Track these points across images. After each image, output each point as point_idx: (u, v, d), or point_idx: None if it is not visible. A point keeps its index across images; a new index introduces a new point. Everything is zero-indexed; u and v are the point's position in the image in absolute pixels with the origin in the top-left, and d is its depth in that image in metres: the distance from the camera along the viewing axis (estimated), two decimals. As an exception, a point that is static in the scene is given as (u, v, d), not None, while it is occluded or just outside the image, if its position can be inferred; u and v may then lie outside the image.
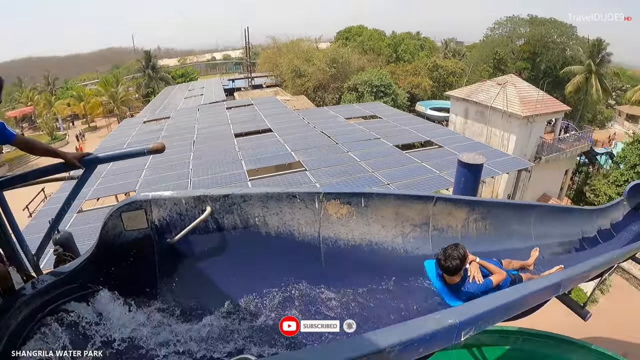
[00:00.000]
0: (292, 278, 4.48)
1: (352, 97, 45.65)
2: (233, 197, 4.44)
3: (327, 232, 4.97)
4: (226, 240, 4.47)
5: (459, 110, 32.93)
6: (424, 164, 19.87)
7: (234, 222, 4.51)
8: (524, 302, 3.99)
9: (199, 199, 4.28)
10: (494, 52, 59.53)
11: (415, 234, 5.78)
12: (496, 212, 7.27)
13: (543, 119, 31.04)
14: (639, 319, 22.33)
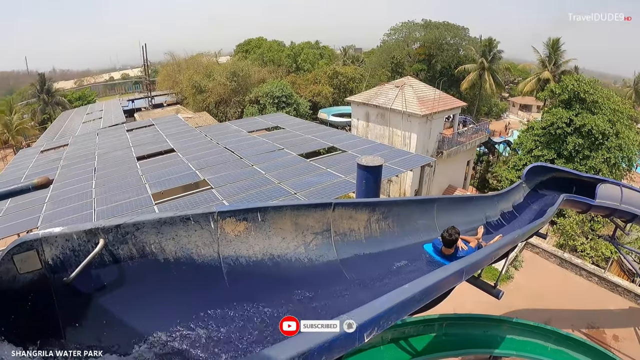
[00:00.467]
0: (198, 302, 4.38)
1: (254, 110, 45.44)
2: (125, 226, 4.23)
3: (226, 251, 4.88)
4: (125, 273, 4.24)
5: (360, 114, 33.64)
6: (329, 170, 20.16)
7: (129, 252, 4.29)
8: (426, 294, 4.25)
9: (90, 232, 4.02)
10: (391, 57, 61.62)
11: (318, 242, 5.84)
12: (397, 210, 7.50)
13: (441, 116, 32.37)
14: (552, 288, 24.35)
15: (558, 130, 31.92)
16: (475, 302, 17.97)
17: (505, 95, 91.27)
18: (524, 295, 23.18)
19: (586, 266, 25.83)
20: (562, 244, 28.39)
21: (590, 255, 27.47)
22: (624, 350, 21.09)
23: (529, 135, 34.78)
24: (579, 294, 24.69)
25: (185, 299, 4.38)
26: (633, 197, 16.45)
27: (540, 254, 27.04)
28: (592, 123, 31.12)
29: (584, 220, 28.41)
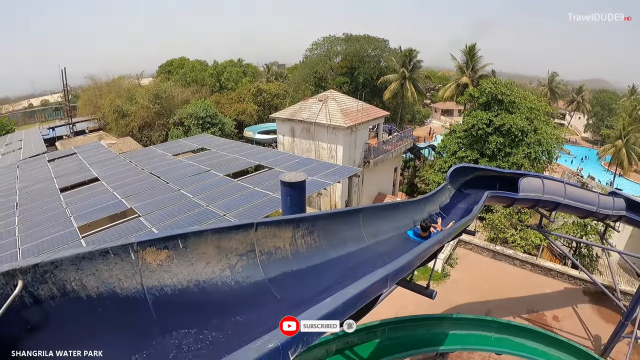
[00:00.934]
0: (125, 338, 4.13)
1: (179, 132, 44.63)
2: (43, 265, 3.90)
3: (150, 282, 4.62)
4: (48, 314, 3.91)
5: (285, 130, 33.44)
6: (257, 188, 20.03)
7: (50, 292, 3.95)
8: (350, 306, 4.18)
9: (8, 274, 3.69)
10: (314, 71, 61.98)
11: (243, 263, 5.64)
12: (322, 224, 7.31)
13: (365, 126, 32.64)
14: (489, 280, 25.10)
15: (479, 131, 33.21)
16: (416, 304, 18.09)
17: (427, 102, 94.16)
18: (462, 290, 23.66)
19: (518, 255, 26.99)
20: (493, 238, 29.46)
21: (521, 245, 28.60)
22: (564, 329, 22.20)
23: (452, 138, 36.08)
24: (515, 282, 25.55)
25: (112, 338, 4.11)
26: (554, 187, 17.06)
27: (474, 250, 27.89)
28: (511, 122, 32.43)
29: (511, 213, 29.58)
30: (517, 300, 24.06)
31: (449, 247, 25.99)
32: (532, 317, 22.96)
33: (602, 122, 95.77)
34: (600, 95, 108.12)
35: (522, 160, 32.72)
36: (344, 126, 29.31)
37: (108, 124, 53.73)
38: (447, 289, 23.64)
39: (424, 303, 19.43)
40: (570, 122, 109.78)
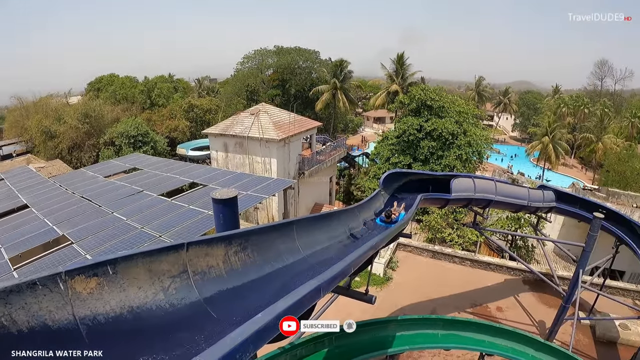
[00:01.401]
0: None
1: (110, 153, 43.25)
2: None
3: (82, 312, 4.42)
4: None
5: (218, 145, 32.99)
6: (191, 206, 19.67)
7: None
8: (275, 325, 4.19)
9: None
10: (246, 85, 61.75)
11: (177, 285, 5.48)
12: (256, 239, 7.19)
13: (298, 138, 32.68)
14: (431, 280, 25.40)
15: (411, 136, 33.91)
16: (363, 310, 18.16)
17: (360, 111, 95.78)
18: (406, 292, 23.83)
19: (457, 253, 27.52)
20: (432, 238, 30.15)
21: (459, 242, 29.45)
22: (509, 318, 22.78)
23: (384, 145, 36.68)
24: (457, 279, 26.01)
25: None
26: (485, 185, 17.71)
27: (413, 251, 28.29)
28: (442, 126, 33.28)
29: (447, 213, 30.27)
30: (461, 296, 24.51)
31: (388, 250, 26.21)
32: (476, 311, 23.44)
33: (529, 121, 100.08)
34: (526, 96, 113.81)
35: (454, 162, 33.59)
36: (277, 139, 29.24)
37: (36, 147, 51.51)
38: (391, 292, 23.84)
39: (369, 308, 19.53)
40: (498, 123, 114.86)
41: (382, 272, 24.98)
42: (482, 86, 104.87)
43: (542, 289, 25.94)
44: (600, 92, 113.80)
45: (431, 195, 15.32)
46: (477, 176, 18.70)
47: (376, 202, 13.30)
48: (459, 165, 33.76)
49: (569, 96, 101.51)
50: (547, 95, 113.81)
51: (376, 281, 24.27)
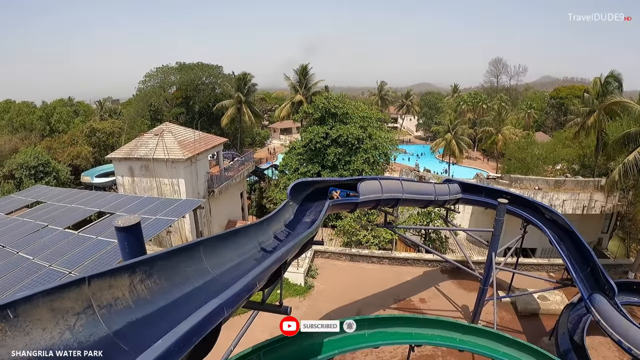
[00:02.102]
0: None
1: (10, 187, 40.32)
2: None
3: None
4: None
5: (123, 170, 31.59)
6: (100, 237, 18.92)
7: None
8: (186, 343, 4.33)
9: None
10: (149, 104, 59.77)
11: (83, 322, 5.22)
12: (161, 264, 6.95)
13: (205, 156, 32.11)
14: (352, 282, 26.08)
15: (317, 145, 34.33)
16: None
17: (266, 123, 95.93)
18: (329, 298, 24.22)
19: (374, 253, 28.49)
20: (348, 242, 30.57)
21: (375, 243, 30.03)
22: (433, 307, 23.97)
23: (292, 155, 36.90)
24: (378, 278, 26.74)
25: None
26: (392, 185, 18.38)
27: (331, 257, 28.80)
28: (347, 132, 33.87)
29: (359, 216, 30.77)
30: (383, 294, 25.14)
31: (306, 259, 26.38)
32: (400, 305, 24.17)
33: (432, 120, 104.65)
34: (427, 97, 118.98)
35: (362, 166, 34.31)
36: (183, 158, 28.64)
37: None
38: (314, 300, 24.12)
39: (299, 318, 19.57)
40: (402, 124, 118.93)
41: (302, 282, 25.11)
42: (385, 90, 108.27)
43: (460, 275, 27.28)
44: (497, 88, 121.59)
45: (339, 201, 15.60)
46: (384, 177, 19.31)
47: (285, 213, 13.24)
48: (367, 169, 34.50)
49: (467, 94, 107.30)
50: (447, 95, 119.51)
51: (298, 291, 24.52)
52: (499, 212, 20.10)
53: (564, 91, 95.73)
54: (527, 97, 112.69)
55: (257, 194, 45.84)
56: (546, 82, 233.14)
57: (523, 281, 27.12)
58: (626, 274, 29.51)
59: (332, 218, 33.94)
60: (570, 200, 33.96)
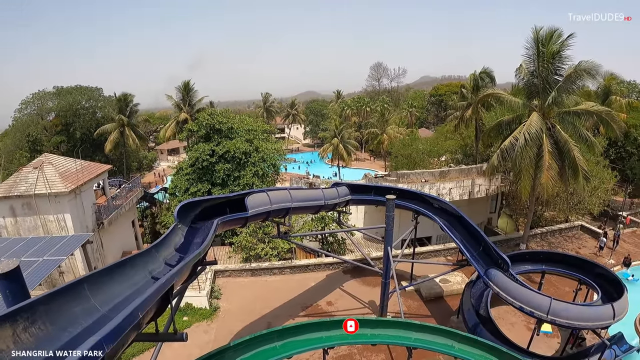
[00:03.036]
0: None
1: None
2: None
3: None
4: None
5: (4, 211, 28.90)
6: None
7: None
8: None
9: None
10: (26, 135, 56.22)
11: None
12: (44, 309, 6.75)
13: (90, 186, 30.73)
14: (257, 297, 26.36)
15: (204, 163, 34.08)
16: (200, 346, 20.08)
17: (152, 145, 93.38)
18: (237, 316, 24.23)
19: (274, 264, 28.89)
20: (247, 257, 30.63)
21: (274, 254, 30.46)
22: (340, 308, 24.87)
23: (180, 176, 36.23)
24: (282, 288, 27.24)
25: None
26: (280, 196, 18.91)
27: (232, 275, 28.78)
28: (233, 147, 33.93)
29: (255, 230, 31.11)
30: (290, 303, 25.55)
31: (207, 281, 26.18)
32: (309, 312, 24.75)
33: (318, 127, 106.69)
34: (312, 105, 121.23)
35: (252, 180, 34.46)
36: (66, 191, 27.26)
37: None
38: (222, 321, 23.99)
39: (208, 343, 19.79)
40: (290, 134, 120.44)
41: (207, 305, 24.83)
42: (270, 102, 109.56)
43: (362, 273, 28.56)
44: (379, 91, 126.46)
45: (228, 218, 15.73)
46: (271, 189, 19.70)
47: (175, 237, 13.03)
48: (258, 182, 34.71)
49: (351, 99, 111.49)
50: (331, 101, 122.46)
51: (204, 315, 24.25)
52: (389, 208, 21.24)
53: (442, 89, 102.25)
54: (408, 97, 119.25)
55: (149, 221, 44.67)
56: (425, 82, 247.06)
57: (424, 268, 28.76)
58: (518, 246, 32.49)
59: (228, 235, 33.86)
60: (456, 188, 36.40)
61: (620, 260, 32.28)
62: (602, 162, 38.93)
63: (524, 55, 27.20)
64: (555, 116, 27.68)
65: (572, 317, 17.04)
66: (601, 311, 17.25)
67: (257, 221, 20.47)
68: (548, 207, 40.84)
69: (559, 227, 38.91)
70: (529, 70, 27.50)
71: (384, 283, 22.66)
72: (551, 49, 25.59)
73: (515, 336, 21.43)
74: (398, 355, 20.83)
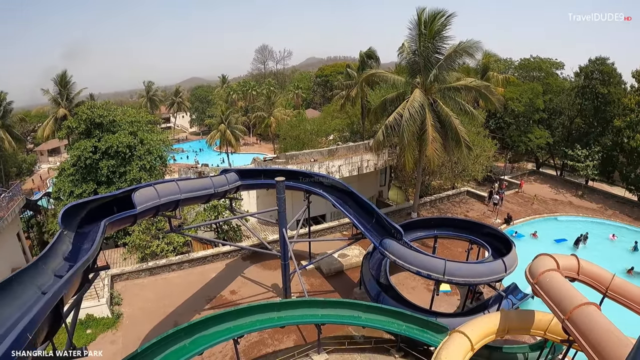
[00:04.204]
0: None
1: None
2: None
3: None
4: None
5: None
6: None
7: None
8: None
9: None
10: None
11: None
12: None
13: (-38, 199, 28.02)
14: (159, 297, 25.64)
15: (87, 161, 31.80)
16: (109, 357, 19.65)
17: (31, 147, 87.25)
18: (143, 320, 23.40)
19: (172, 260, 28.27)
20: (144, 257, 29.40)
21: (170, 250, 29.69)
22: (244, 295, 25.35)
23: (63, 178, 33.66)
24: (184, 283, 26.87)
25: None
26: (169, 188, 18.52)
27: (130, 277, 27.68)
28: (116, 142, 32.13)
29: (148, 226, 29.87)
30: (194, 297, 25.23)
31: (105, 288, 24.96)
32: (214, 304, 24.60)
33: (204, 114, 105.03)
34: (197, 91, 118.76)
35: (140, 174, 33.02)
36: None
37: None
38: (128, 328, 23.05)
39: (116, 354, 19.95)
40: (176, 123, 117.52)
41: (109, 313, 23.71)
42: (153, 91, 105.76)
43: (261, 258, 28.90)
44: (265, 73, 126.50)
45: (116, 217, 15.11)
46: (159, 182, 18.93)
47: (62, 246, 12.28)
48: (145, 176, 33.33)
49: (236, 83, 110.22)
50: (216, 87, 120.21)
51: (108, 324, 23.17)
52: (279, 190, 21.37)
53: (328, 69, 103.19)
54: (295, 79, 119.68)
55: (36, 231, 41.16)
56: (311, 63, 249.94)
57: (321, 246, 29.52)
58: (409, 215, 34.25)
59: (121, 235, 32.23)
60: (345, 165, 37.08)
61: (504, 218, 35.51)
62: (482, 132, 42.81)
63: (407, 35, 28.76)
64: (437, 92, 29.53)
65: (467, 274, 18.57)
66: (493, 266, 18.95)
67: (148, 217, 19.69)
68: (435, 177, 43.46)
69: (446, 194, 41.77)
70: (411, 50, 29.06)
71: (283, 265, 22.90)
72: (433, 29, 27.19)
73: (417, 299, 22.78)
74: (309, 332, 21.22)
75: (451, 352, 13.88)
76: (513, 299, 21.27)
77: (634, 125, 40.60)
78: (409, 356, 19.66)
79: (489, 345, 17.09)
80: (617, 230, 36.40)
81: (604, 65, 46.35)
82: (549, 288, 13.34)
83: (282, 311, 17.77)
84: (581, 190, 45.92)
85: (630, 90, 45.03)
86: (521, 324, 16.46)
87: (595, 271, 15.85)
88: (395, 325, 18.86)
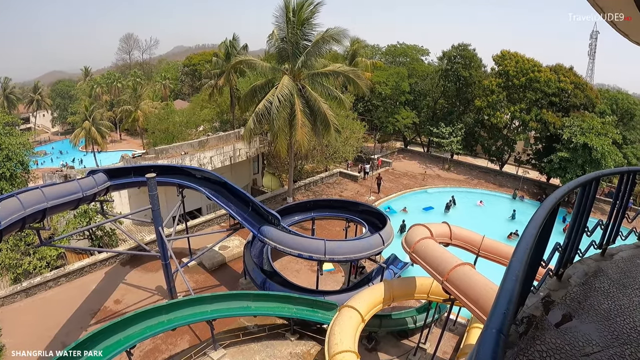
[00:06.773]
0: None
1: None
2: None
3: None
4: None
5: None
6: None
7: None
8: None
9: None
10: None
11: None
12: None
13: None
14: (37, 322, 23.23)
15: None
16: None
17: None
18: (28, 348, 20.92)
19: (47, 277, 25.96)
20: (16, 277, 26.58)
21: (43, 265, 27.32)
22: (129, 303, 24.43)
23: None
24: (64, 300, 24.95)
25: None
26: (32, 198, 16.93)
27: (5, 303, 24.89)
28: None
29: (16, 243, 27.62)
30: (78, 314, 23.74)
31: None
32: (99, 317, 23.37)
33: (67, 111, 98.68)
34: (58, 86, 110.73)
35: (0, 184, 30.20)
36: None
37: None
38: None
39: None
40: (36, 123, 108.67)
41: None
42: (10, 88, 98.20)
43: (141, 261, 28.24)
44: (130, 64, 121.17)
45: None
46: (21, 191, 17.36)
47: None
48: (7, 186, 30.35)
49: (100, 76, 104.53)
50: (79, 80, 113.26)
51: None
52: (151, 187, 20.89)
53: (196, 58, 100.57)
54: (161, 69, 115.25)
55: None
56: (179, 52, 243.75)
57: (201, 240, 29.47)
58: (285, 200, 34.86)
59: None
60: (217, 155, 37.18)
61: (380, 196, 38.16)
62: (351, 115, 44.75)
63: (274, 23, 28.91)
64: (305, 78, 30.11)
65: (347, 251, 19.82)
66: (371, 241, 20.37)
67: (14, 232, 18.27)
68: (307, 160, 44.45)
69: (320, 177, 43.36)
70: (280, 37, 29.21)
71: (164, 265, 22.41)
72: (302, 16, 27.62)
73: (303, 281, 23.78)
74: (202, 331, 21.12)
75: (343, 326, 14.74)
76: (394, 269, 22.92)
77: (494, 105, 45.50)
78: (305, 337, 20.41)
79: (378, 315, 18.48)
80: (484, 196, 42.40)
81: (466, 50, 51.65)
82: (426, 254, 14.77)
83: (171, 313, 17.61)
84: (447, 164, 50.07)
85: (491, 72, 50.26)
86: (405, 290, 17.97)
87: (467, 235, 17.77)
88: (285, 310, 19.49)
